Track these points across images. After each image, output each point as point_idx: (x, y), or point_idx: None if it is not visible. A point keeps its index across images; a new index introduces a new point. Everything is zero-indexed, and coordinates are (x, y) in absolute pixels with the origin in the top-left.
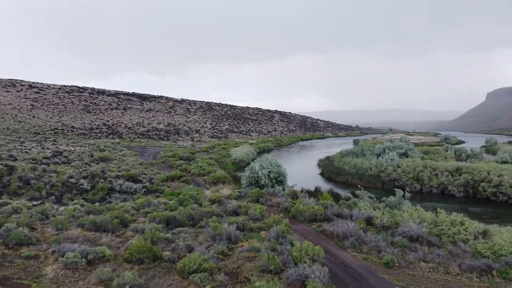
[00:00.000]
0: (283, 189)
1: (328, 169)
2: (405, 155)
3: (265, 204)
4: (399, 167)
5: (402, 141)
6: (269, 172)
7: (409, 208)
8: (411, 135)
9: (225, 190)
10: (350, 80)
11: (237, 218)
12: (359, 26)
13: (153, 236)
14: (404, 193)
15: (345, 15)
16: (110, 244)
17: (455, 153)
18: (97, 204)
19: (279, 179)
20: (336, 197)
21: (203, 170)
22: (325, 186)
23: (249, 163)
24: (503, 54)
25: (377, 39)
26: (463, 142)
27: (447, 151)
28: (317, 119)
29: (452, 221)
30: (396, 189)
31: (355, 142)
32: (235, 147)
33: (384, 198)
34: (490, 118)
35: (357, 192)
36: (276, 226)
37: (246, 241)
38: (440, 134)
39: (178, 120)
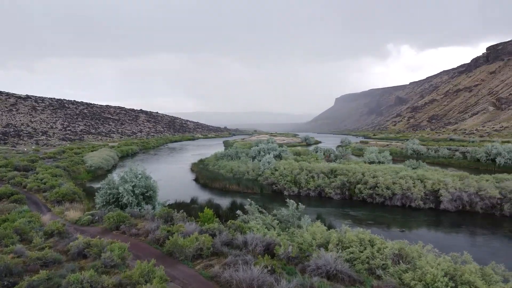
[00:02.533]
0: (153, 208)
1: (203, 174)
2: (279, 157)
3: (128, 232)
4: (276, 170)
5: (270, 142)
6: (134, 186)
7: (308, 224)
8: (274, 136)
9: (74, 212)
10: (218, 83)
11: (81, 272)
12: (226, 31)
13: None
14: (298, 205)
15: (211, 18)
16: None
17: (324, 154)
18: None
19: (147, 194)
20: (219, 213)
21: (45, 183)
22: (202, 194)
23: (109, 171)
24: (349, 63)
25: (240, 45)
26: (320, 142)
27: (316, 152)
28: (187, 120)
29: (360, 240)
30: (288, 200)
31: (226, 143)
32: (92, 151)
33: (275, 211)
34: (338, 120)
35: (246, 206)
36: (146, 285)
37: None
38: (298, 135)
39: (21, 120)
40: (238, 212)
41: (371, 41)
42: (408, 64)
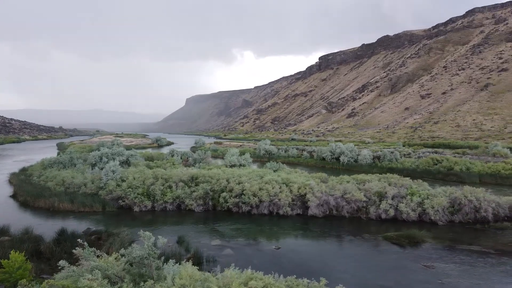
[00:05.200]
0: None
1: (24, 188)
2: (127, 163)
3: None
4: (123, 180)
5: (115, 145)
6: None
7: (175, 273)
8: (120, 137)
9: None
10: (50, 77)
11: None
12: (59, 18)
13: None
14: (157, 239)
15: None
16: None
17: (181, 158)
18: None
19: None
20: (39, 250)
21: None
22: (19, 219)
23: None
24: (198, 65)
25: (79, 38)
26: (173, 143)
27: (173, 155)
28: (11, 119)
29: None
30: (143, 234)
31: (60, 146)
32: None
33: (123, 250)
34: (190, 120)
35: (75, 251)
36: None
37: None
38: (148, 135)
39: None
40: (62, 263)
41: (218, 46)
42: (252, 69)
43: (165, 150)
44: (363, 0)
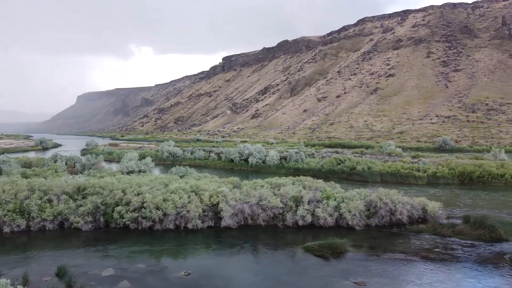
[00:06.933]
0: None
1: None
2: None
3: None
4: None
5: None
6: None
7: None
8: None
9: None
10: None
11: None
12: None
13: None
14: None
15: None
16: None
17: (67, 164)
18: None
19: None
20: None
21: None
22: None
23: None
24: (91, 60)
25: None
26: (61, 145)
27: (55, 161)
28: None
29: None
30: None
31: None
32: None
33: None
34: (82, 120)
35: None
36: None
37: None
38: (32, 136)
39: None
40: None
41: (113, 40)
42: (152, 66)
43: (51, 154)
44: (265, 3)
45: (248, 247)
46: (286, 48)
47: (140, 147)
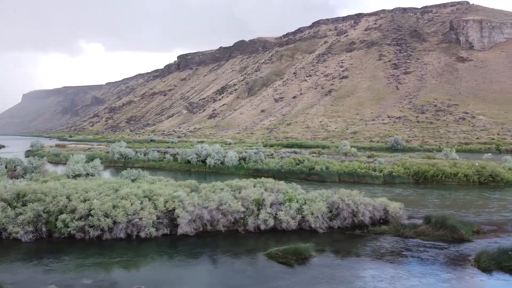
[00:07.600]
0: None
1: None
2: None
3: None
4: None
5: None
6: None
7: None
8: None
9: None
10: None
11: None
12: None
13: None
14: None
15: None
16: None
17: (6, 167)
18: None
19: None
20: None
21: None
22: None
23: None
24: (37, 57)
25: None
26: (3, 146)
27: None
28: None
29: None
30: None
31: None
32: None
33: None
34: (27, 119)
35: None
36: None
37: None
38: None
39: None
40: None
41: (59, 35)
42: (103, 64)
43: None
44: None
45: (207, 256)
46: (243, 48)
47: (89, 148)
